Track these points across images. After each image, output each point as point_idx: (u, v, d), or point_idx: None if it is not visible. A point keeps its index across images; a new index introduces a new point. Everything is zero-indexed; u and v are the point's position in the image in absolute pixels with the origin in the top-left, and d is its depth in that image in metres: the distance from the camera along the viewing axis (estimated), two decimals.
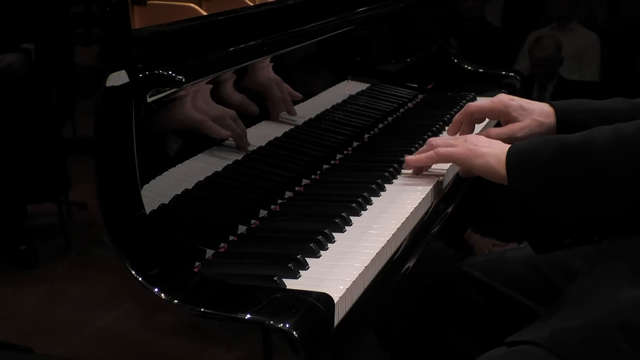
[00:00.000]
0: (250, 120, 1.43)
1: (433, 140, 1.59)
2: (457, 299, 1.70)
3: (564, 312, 1.35)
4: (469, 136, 1.57)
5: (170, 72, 1.15)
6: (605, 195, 1.29)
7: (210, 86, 1.31)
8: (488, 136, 1.59)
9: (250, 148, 1.43)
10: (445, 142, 1.55)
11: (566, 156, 1.32)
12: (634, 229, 1.35)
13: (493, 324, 1.65)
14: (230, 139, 1.37)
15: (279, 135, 1.53)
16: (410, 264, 1.35)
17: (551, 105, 1.67)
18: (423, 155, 1.57)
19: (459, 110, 1.78)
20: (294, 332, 0.96)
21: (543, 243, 1.39)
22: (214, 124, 1.32)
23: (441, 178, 1.61)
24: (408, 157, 1.61)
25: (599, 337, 1.27)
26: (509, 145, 1.43)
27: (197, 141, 1.29)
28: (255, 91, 1.44)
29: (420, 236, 1.44)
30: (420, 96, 2.33)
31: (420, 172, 1.62)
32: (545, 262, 1.62)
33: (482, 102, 1.78)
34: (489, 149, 1.44)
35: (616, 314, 1.29)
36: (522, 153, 1.38)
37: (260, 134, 1.47)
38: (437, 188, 1.59)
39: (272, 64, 1.49)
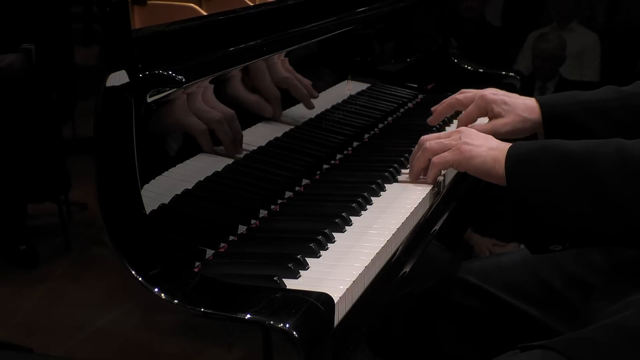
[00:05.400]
0: (250, 120, 1.43)
1: (424, 138, 1.55)
2: (453, 307, 1.67)
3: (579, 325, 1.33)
4: (462, 131, 1.51)
5: (170, 72, 1.15)
6: (604, 213, 1.26)
7: (211, 86, 1.31)
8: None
9: (250, 148, 1.43)
10: (438, 143, 1.51)
11: (566, 169, 1.29)
12: (631, 243, 1.33)
13: (490, 330, 1.63)
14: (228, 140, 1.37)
15: (279, 135, 1.53)
16: (411, 264, 1.35)
17: (537, 100, 1.65)
18: (419, 168, 1.55)
19: None
20: (294, 332, 0.96)
21: (539, 244, 1.36)
22: (214, 124, 1.32)
23: (441, 178, 1.61)
24: (408, 171, 1.59)
25: (611, 342, 1.24)
26: (506, 144, 1.41)
27: (197, 141, 1.29)
28: (255, 91, 1.44)
29: (420, 236, 1.44)
30: (420, 96, 2.33)
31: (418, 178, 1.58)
32: (542, 265, 1.60)
33: (466, 95, 1.74)
34: (483, 149, 1.42)
35: (626, 320, 1.26)
36: (522, 159, 1.35)
37: (261, 134, 1.47)
38: (438, 188, 1.59)
39: (273, 63, 1.49)
